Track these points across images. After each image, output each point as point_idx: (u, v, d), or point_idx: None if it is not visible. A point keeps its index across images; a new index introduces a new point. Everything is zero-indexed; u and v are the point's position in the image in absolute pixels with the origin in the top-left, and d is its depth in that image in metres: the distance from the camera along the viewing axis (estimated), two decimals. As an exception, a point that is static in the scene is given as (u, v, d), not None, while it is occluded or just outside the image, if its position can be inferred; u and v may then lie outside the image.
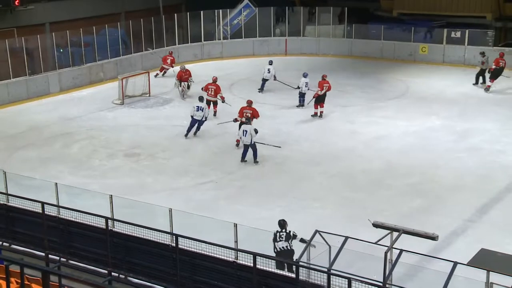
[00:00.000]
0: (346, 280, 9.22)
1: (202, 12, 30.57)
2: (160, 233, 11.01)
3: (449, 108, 21.75)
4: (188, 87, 24.05)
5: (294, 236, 11.22)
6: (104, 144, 19.12)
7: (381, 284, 9.48)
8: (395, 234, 9.89)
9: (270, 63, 25.01)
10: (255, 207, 14.40)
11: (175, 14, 30.07)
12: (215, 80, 21.71)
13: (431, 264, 10.63)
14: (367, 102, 22.87)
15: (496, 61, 23.69)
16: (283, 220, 11.56)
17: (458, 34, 28.50)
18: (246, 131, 17.32)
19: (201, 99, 19.70)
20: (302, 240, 10.96)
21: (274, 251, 11.06)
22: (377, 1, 32.85)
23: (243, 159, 17.32)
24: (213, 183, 15.97)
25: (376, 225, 10.19)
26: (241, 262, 10.45)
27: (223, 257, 10.55)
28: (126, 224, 11.30)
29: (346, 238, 10.02)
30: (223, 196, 15.18)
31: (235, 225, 10.70)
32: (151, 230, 11.04)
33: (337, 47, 31.06)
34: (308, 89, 21.84)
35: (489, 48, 27.60)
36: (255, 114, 18.58)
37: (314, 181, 15.95)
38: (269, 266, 10.06)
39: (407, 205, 14.33)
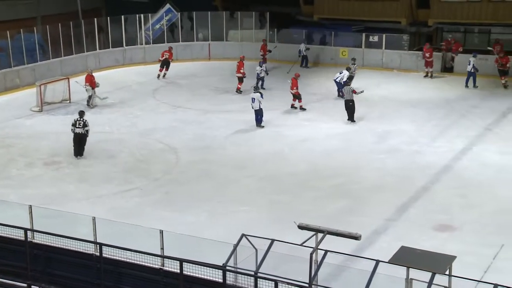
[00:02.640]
0: (273, 282, 9.30)
1: (123, 16, 30.09)
2: (83, 242, 10.73)
3: (369, 110, 22.34)
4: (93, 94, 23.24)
5: (87, 125, 17.17)
6: (22, 152, 18.44)
7: (307, 285, 9.60)
8: (320, 235, 10.05)
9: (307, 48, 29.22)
10: (181, 213, 14.29)
11: (95, 19, 29.43)
12: (242, 58, 25.33)
13: (355, 263, 10.87)
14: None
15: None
16: (82, 111, 17.69)
17: (376, 38, 29.44)
18: (254, 98, 20.15)
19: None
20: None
21: (73, 132, 17.18)
22: (298, 6, 33.38)
23: (258, 124, 20.32)
24: (138, 190, 15.72)
25: (301, 227, 10.31)
26: (167, 268, 10.35)
27: (149, 265, 10.41)
28: (46, 235, 10.94)
29: (272, 241, 10.10)
30: (148, 203, 14.97)
31: (161, 232, 10.58)
32: (73, 240, 10.75)
33: (260, 51, 31.30)
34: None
35: (405, 52, 28.65)
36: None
37: (240, 185, 16.00)
38: (196, 272, 9.99)
39: (332, 206, 14.61)
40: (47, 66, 26.79)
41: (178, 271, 9.99)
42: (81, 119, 17.36)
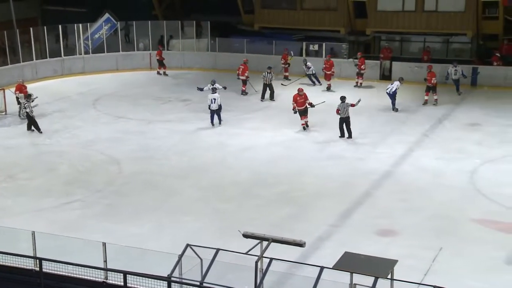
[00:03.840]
0: (219, 292, 9.29)
1: (60, 26, 29.48)
2: (22, 258, 10.43)
3: (311, 118, 22.54)
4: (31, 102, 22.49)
5: (25, 107, 20.66)
6: (-44, 166, 17.79)
7: (253, 293, 9.64)
8: (265, 243, 10.10)
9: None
10: (124, 224, 14.08)
11: (31, 28, 28.70)
12: (245, 62, 26.04)
13: (300, 270, 10.98)
14: (234, 114, 23.21)
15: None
16: (29, 94, 21.26)
17: (316, 47, 29.91)
18: (215, 99, 21.08)
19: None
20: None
21: (25, 112, 20.81)
22: (239, 16, 33.57)
23: (212, 122, 21.33)
24: (79, 202, 15.39)
25: (246, 236, 10.34)
26: (111, 282, 10.19)
27: (92, 278, 10.22)
28: (-17, 252, 10.58)
29: (217, 250, 10.08)
30: (91, 215, 14.69)
31: (104, 244, 10.40)
32: (12, 256, 10.44)
33: (202, 60, 31.30)
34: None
35: (344, 60, 29.19)
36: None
37: (184, 195, 15.90)
38: (141, 284, 9.86)
39: (276, 213, 14.69)
40: (-20, 77, 25.97)
41: (122, 283, 9.84)
42: (29, 100, 21.00)
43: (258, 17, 32.66)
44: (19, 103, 22.59)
